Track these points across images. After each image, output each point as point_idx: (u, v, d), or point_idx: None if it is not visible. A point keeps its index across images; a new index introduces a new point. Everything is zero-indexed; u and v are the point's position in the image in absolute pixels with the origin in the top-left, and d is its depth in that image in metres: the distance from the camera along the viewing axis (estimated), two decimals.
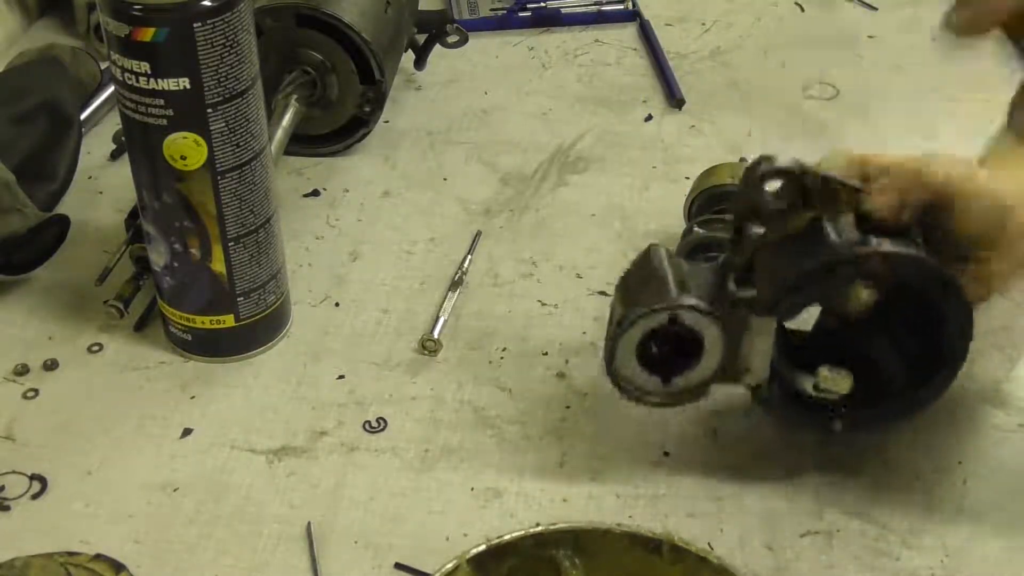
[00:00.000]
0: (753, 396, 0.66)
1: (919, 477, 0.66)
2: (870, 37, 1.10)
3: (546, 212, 0.88)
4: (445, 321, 0.77)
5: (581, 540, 0.56)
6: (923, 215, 0.61)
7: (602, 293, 0.80)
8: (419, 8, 1.03)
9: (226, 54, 0.65)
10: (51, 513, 0.65)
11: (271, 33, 0.88)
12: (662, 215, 0.86)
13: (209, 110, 0.66)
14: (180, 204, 0.69)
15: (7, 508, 0.66)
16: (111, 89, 0.93)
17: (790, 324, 0.66)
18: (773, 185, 0.60)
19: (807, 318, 0.66)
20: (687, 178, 0.85)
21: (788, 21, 1.13)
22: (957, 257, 0.62)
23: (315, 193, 0.90)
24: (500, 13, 1.14)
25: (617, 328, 0.63)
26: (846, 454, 0.68)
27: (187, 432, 0.70)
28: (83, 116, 0.94)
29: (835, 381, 0.63)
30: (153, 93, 0.65)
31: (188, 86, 0.65)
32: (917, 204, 0.61)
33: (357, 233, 0.86)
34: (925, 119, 0.96)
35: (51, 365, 0.75)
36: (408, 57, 1.02)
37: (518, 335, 0.77)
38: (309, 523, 0.64)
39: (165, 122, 0.66)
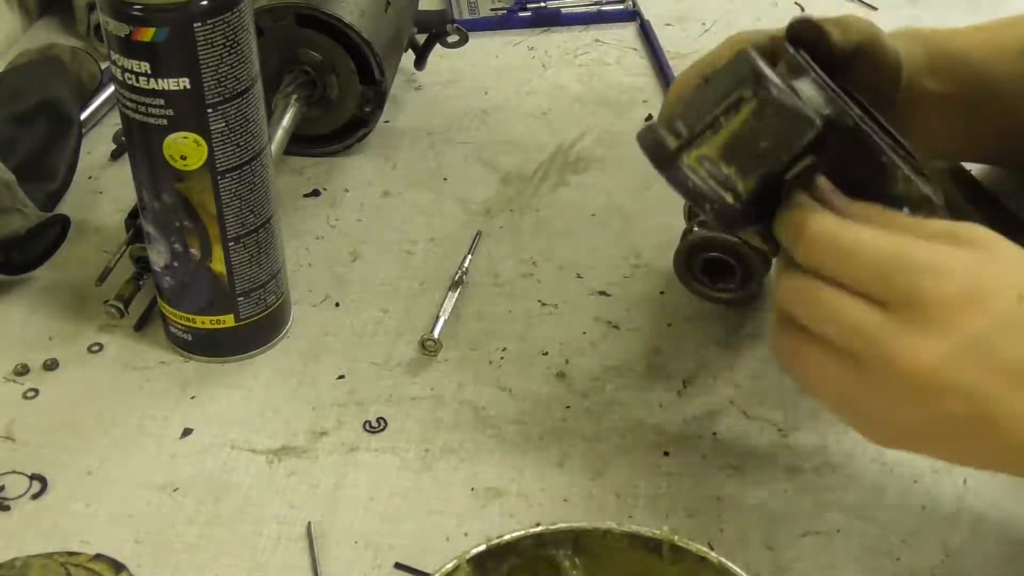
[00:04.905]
0: None
1: (919, 477, 0.66)
2: None
3: (546, 212, 0.88)
4: (445, 321, 0.77)
5: (581, 540, 0.56)
6: None
7: (602, 293, 0.80)
8: (419, 8, 1.03)
9: (226, 54, 0.65)
10: (51, 513, 0.65)
11: (271, 33, 0.88)
12: (662, 215, 0.86)
13: (209, 110, 0.66)
14: (180, 204, 0.69)
15: (7, 508, 0.66)
16: (111, 89, 0.93)
17: None
18: None
19: None
20: None
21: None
22: None
23: (315, 193, 0.90)
24: (500, 13, 1.14)
25: None
26: (846, 454, 0.68)
27: (187, 432, 0.70)
28: (83, 116, 0.94)
29: None
30: (153, 93, 0.65)
31: (188, 86, 0.65)
32: None
33: (357, 233, 0.86)
34: None
35: (51, 365, 0.75)
36: (408, 57, 1.02)
37: (518, 335, 0.77)
38: (309, 523, 0.64)
39: (165, 122, 0.66)
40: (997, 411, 0.51)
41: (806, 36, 0.63)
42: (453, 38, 1.02)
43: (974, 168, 0.84)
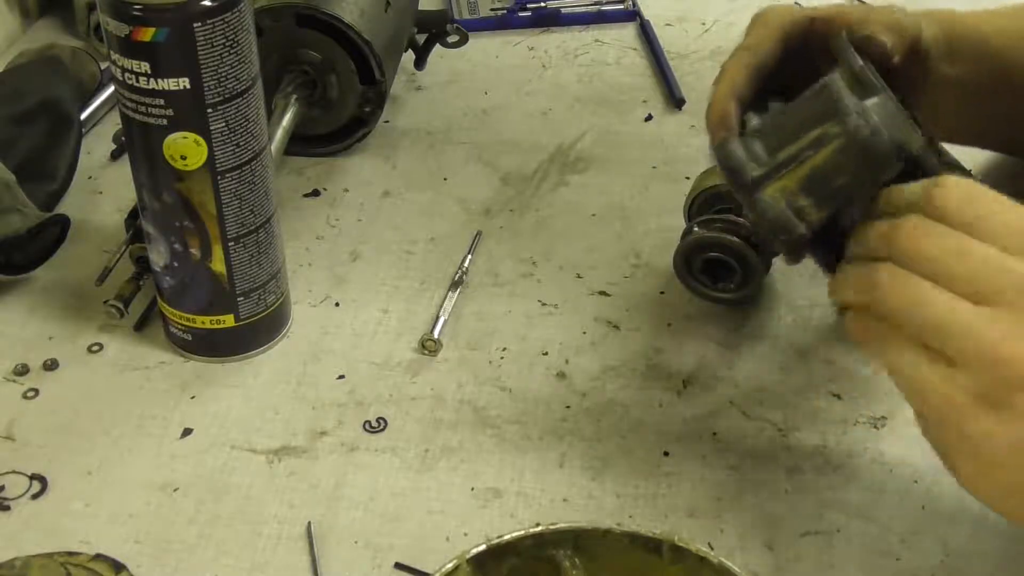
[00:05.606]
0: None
1: (919, 477, 0.66)
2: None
3: (546, 212, 0.88)
4: (445, 321, 0.77)
5: (581, 540, 0.56)
6: None
7: (602, 293, 0.80)
8: (419, 8, 1.03)
9: (226, 54, 0.65)
10: (51, 513, 0.65)
11: (271, 33, 0.88)
12: (662, 215, 0.86)
13: (209, 110, 0.66)
14: (180, 204, 0.69)
15: (7, 508, 0.66)
16: (111, 89, 0.93)
17: None
18: None
19: None
20: (687, 178, 0.85)
21: None
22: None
23: (315, 193, 0.90)
24: (500, 13, 1.14)
25: None
26: (846, 454, 0.68)
27: (187, 432, 0.70)
28: (83, 116, 0.94)
29: None
30: (153, 93, 0.65)
31: (188, 86, 0.65)
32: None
33: (357, 233, 0.86)
34: None
35: (51, 365, 0.75)
36: (408, 57, 1.02)
37: (518, 335, 0.77)
38: (309, 523, 0.64)
39: (165, 122, 0.66)
40: None
41: (863, 48, 0.62)
42: (453, 38, 1.02)
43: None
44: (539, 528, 0.56)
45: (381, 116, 0.94)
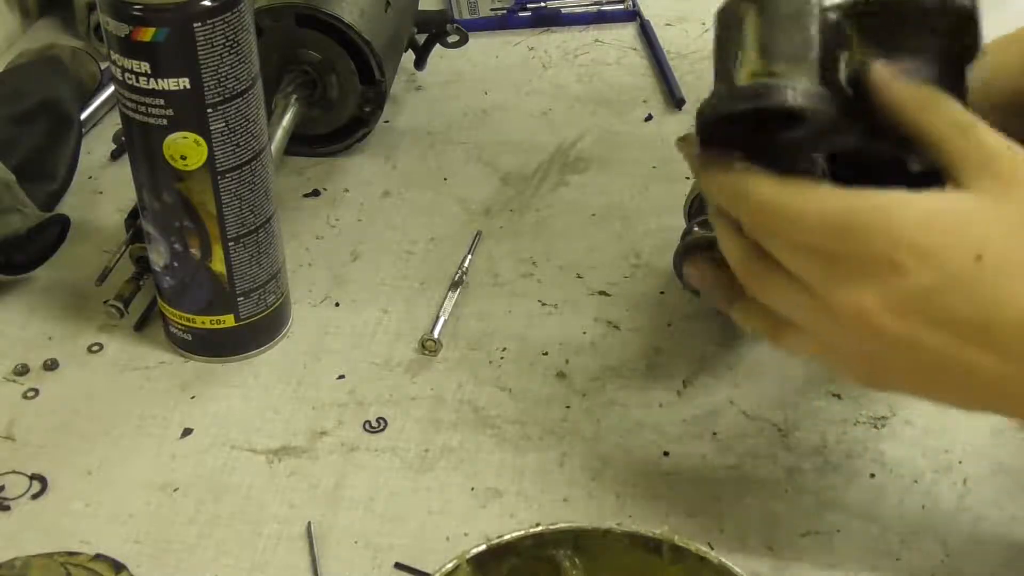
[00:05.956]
0: None
1: (919, 477, 0.66)
2: None
3: (546, 212, 0.88)
4: (445, 321, 0.77)
5: (581, 540, 0.56)
6: None
7: (602, 293, 0.80)
8: (419, 8, 1.03)
9: (226, 54, 0.65)
10: (51, 513, 0.65)
11: (271, 33, 0.88)
12: (662, 215, 0.86)
13: (209, 110, 0.66)
14: (180, 204, 0.69)
15: (7, 508, 0.66)
16: (111, 89, 0.93)
17: None
18: None
19: None
20: (687, 178, 0.85)
21: None
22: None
23: (315, 193, 0.90)
24: (500, 13, 1.14)
25: None
26: (846, 454, 0.68)
27: (187, 432, 0.70)
28: (83, 116, 0.94)
29: None
30: (153, 93, 0.65)
31: (188, 86, 0.65)
32: None
33: (357, 233, 0.86)
34: None
35: (51, 365, 0.75)
36: (408, 57, 1.02)
37: (518, 335, 0.77)
38: (309, 523, 0.64)
39: (165, 122, 0.66)
40: (947, 363, 0.52)
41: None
42: (453, 38, 1.02)
43: None
44: (539, 528, 0.56)
45: (381, 116, 0.94)
